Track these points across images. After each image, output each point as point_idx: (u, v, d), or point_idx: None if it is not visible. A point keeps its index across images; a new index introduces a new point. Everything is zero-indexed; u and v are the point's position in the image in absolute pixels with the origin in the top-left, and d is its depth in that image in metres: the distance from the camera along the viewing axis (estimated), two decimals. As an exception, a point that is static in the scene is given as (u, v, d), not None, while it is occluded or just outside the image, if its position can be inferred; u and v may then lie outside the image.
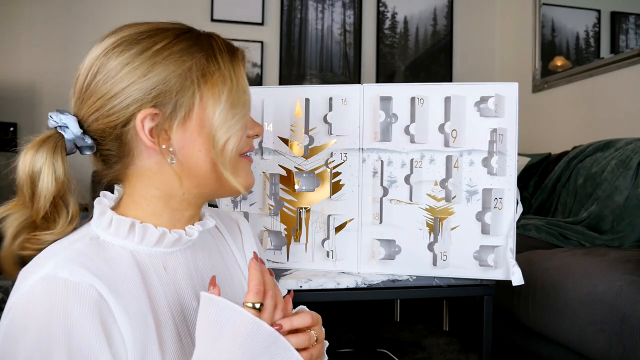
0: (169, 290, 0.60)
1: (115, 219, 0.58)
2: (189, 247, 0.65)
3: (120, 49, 0.58)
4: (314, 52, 3.25)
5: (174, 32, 0.60)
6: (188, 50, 0.59)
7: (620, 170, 1.88)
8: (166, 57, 0.58)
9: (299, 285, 1.02)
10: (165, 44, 0.58)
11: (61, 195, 0.58)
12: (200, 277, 0.65)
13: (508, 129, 1.02)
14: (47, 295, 0.50)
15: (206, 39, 0.61)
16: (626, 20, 2.46)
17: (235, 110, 0.60)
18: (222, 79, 0.59)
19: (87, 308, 0.50)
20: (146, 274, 0.58)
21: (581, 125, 2.62)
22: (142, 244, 0.59)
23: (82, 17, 2.95)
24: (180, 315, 0.60)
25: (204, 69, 0.59)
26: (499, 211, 1.02)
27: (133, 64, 0.57)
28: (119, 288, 0.54)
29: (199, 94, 0.58)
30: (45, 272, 0.51)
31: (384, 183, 1.06)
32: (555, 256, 1.53)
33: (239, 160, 0.64)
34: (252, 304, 0.53)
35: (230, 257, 0.74)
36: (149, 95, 0.57)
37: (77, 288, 0.50)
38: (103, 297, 0.51)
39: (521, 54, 3.14)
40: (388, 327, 2.23)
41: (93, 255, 0.55)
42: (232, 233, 0.77)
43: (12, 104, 2.84)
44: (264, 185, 1.11)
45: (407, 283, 1.05)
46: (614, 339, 1.21)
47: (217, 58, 0.60)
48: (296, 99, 1.08)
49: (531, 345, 1.58)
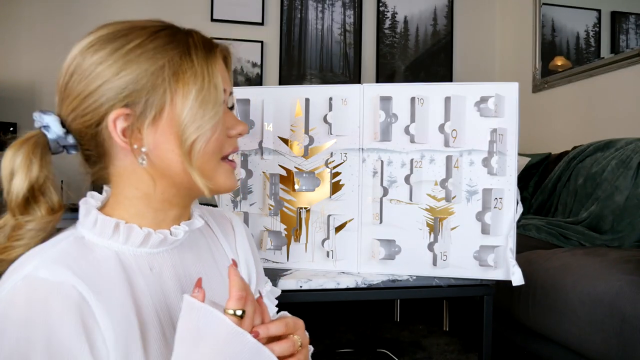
0: (154, 291, 0.59)
1: (100, 219, 0.58)
2: (176, 247, 0.64)
3: (95, 47, 0.58)
4: (314, 52, 3.25)
5: (151, 29, 0.59)
6: (162, 48, 0.58)
7: (621, 170, 1.88)
8: (139, 55, 0.57)
9: (299, 285, 1.02)
10: (139, 42, 0.57)
11: (39, 188, 0.58)
12: (189, 277, 0.64)
13: (508, 129, 1.01)
14: (27, 295, 0.49)
15: (183, 36, 0.60)
16: (626, 20, 2.46)
17: (206, 108, 0.58)
18: (193, 77, 0.58)
19: (67, 308, 0.49)
20: (131, 275, 0.58)
21: (581, 125, 2.62)
22: (127, 245, 0.59)
23: (82, 17, 2.95)
24: (166, 315, 0.59)
25: (177, 66, 0.57)
26: (499, 211, 1.02)
27: (106, 62, 0.57)
28: (101, 288, 0.53)
29: (170, 93, 0.57)
30: (27, 271, 0.51)
31: (384, 183, 1.06)
32: (555, 256, 1.53)
33: (218, 163, 0.62)
34: (233, 310, 0.52)
35: (222, 256, 0.73)
36: (120, 94, 0.56)
37: (58, 288, 0.50)
38: (84, 298, 0.51)
39: (521, 54, 3.14)
40: (388, 327, 2.23)
41: (76, 255, 0.55)
42: (224, 232, 0.76)
43: (12, 104, 2.84)
44: (264, 185, 1.11)
45: (407, 283, 1.05)
46: (614, 339, 1.21)
47: (192, 55, 0.58)
48: (296, 99, 1.08)
49: (531, 345, 1.58)
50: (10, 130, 2.74)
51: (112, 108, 0.57)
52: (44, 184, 0.58)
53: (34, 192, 0.57)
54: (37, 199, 0.58)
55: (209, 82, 0.58)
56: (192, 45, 0.59)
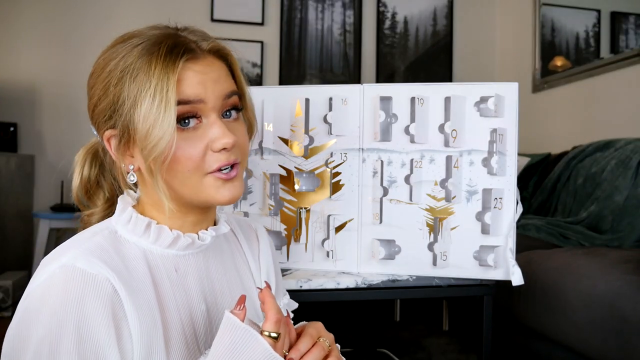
0: (178, 292, 0.60)
1: (134, 217, 0.60)
2: (201, 251, 0.65)
3: (95, 67, 0.60)
4: (314, 52, 3.25)
5: (133, 42, 0.57)
6: (131, 61, 0.56)
7: (620, 170, 1.88)
8: (115, 77, 0.57)
9: (299, 285, 1.02)
10: (117, 61, 0.57)
11: (93, 184, 0.68)
12: (211, 281, 0.65)
13: (508, 129, 1.02)
14: (64, 283, 0.51)
15: (155, 45, 0.57)
16: (626, 20, 2.46)
17: (154, 124, 0.54)
18: (145, 88, 0.54)
19: (100, 300, 0.51)
20: (156, 274, 0.59)
21: (581, 125, 2.62)
22: (156, 244, 0.60)
23: (82, 18, 2.95)
24: (188, 317, 0.60)
25: (134, 76, 0.55)
26: (499, 211, 1.02)
27: (97, 86, 0.59)
28: (131, 284, 0.55)
29: (130, 106, 0.55)
30: (64, 261, 0.53)
31: (384, 183, 1.06)
32: (555, 256, 1.54)
33: (200, 179, 0.58)
34: (269, 332, 0.53)
35: (243, 264, 0.73)
36: (104, 117, 0.59)
37: (93, 279, 0.52)
38: (117, 291, 0.53)
39: (521, 54, 3.14)
40: (388, 327, 2.23)
41: (110, 249, 0.57)
42: (249, 241, 0.76)
43: (12, 104, 2.84)
44: (264, 185, 1.11)
45: (407, 283, 1.05)
46: (614, 339, 1.21)
47: (151, 64, 0.55)
48: (296, 99, 1.08)
49: (531, 345, 1.58)
50: (11, 130, 2.74)
51: (104, 129, 0.60)
52: (96, 179, 0.68)
53: (89, 186, 0.67)
54: (93, 191, 0.68)
55: (160, 100, 0.54)
56: (155, 58, 0.55)
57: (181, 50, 0.57)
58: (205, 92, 0.57)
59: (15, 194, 2.66)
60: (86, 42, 2.92)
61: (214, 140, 0.57)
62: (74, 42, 2.93)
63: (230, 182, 0.59)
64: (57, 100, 2.88)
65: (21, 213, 2.68)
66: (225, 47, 0.63)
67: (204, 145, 0.57)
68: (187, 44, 0.58)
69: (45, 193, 2.86)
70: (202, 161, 0.57)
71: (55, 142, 2.88)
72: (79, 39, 2.92)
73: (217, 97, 0.58)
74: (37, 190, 2.85)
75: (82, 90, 0.72)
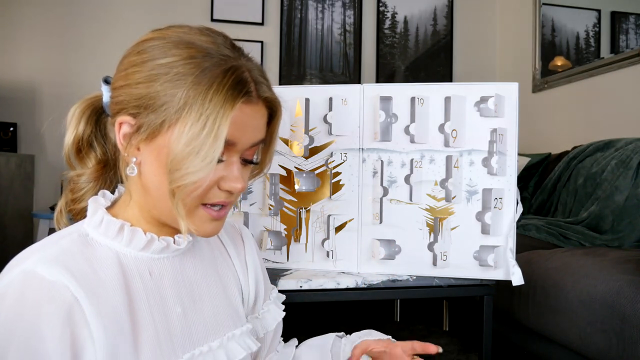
0: (152, 296, 0.59)
1: (106, 220, 0.59)
2: (178, 255, 0.64)
3: (142, 47, 0.58)
4: (314, 52, 3.25)
5: (192, 51, 0.56)
6: (186, 76, 0.55)
7: (620, 170, 1.88)
8: (163, 75, 0.55)
9: (299, 285, 1.02)
10: (171, 61, 0.55)
11: (85, 142, 0.64)
12: (189, 284, 0.64)
13: (508, 129, 1.02)
14: (20, 290, 0.50)
15: (218, 71, 0.55)
16: (626, 20, 2.46)
17: (195, 158, 0.53)
18: (196, 120, 0.53)
19: (56, 307, 0.50)
20: (129, 277, 0.58)
21: (581, 125, 2.62)
22: (129, 247, 0.59)
23: (82, 18, 2.95)
24: (162, 320, 0.59)
25: (186, 101, 0.54)
26: (499, 211, 1.02)
27: (137, 67, 0.57)
28: (96, 289, 0.53)
29: (167, 122, 0.54)
30: (26, 266, 0.52)
31: (384, 183, 1.06)
32: (555, 256, 1.53)
33: (195, 208, 0.58)
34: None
35: (227, 267, 0.73)
36: (131, 103, 0.57)
37: (51, 287, 0.51)
38: (76, 299, 0.51)
39: (521, 54, 3.14)
40: (388, 327, 2.23)
41: (76, 253, 0.55)
42: (234, 242, 0.76)
43: (12, 104, 2.84)
44: (264, 185, 1.11)
45: (407, 283, 1.05)
46: (614, 339, 1.21)
47: (207, 96, 0.54)
48: (296, 99, 1.08)
49: (531, 345, 1.58)
50: (11, 130, 2.74)
51: (123, 111, 0.57)
52: (89, 139, 0.64)
53: (81, 145, 0.64)
54: (85, 151, 0.64)
55: (209, 132, 0.53)
56: (216, 86, 0.54)
57: (243, 90, 0.56)
58: (241, 136, 0.57)
59: (15, 194, 2.66)
60: (86, 43, 2.92)
61: (227, 180, 0.58)
62: (74, 42, 2.93)
63: (217, 220, 0.60)
64: (57, 100, 2.88)
65: (21, 213, 2.68)
66: (279, 104, 0.62)
67: (216, 178, 0.57)
68: (249, 84, 0.57)
69: (45, 193, 2.87)
70: (206, 192, 0.57)
71: (55, 142, 2.88)
72: (79, 39, 2.93)
73: (248, 143, 0.59)
74: (37, 190, 2.85)
75: (82, 90, 0.72)
